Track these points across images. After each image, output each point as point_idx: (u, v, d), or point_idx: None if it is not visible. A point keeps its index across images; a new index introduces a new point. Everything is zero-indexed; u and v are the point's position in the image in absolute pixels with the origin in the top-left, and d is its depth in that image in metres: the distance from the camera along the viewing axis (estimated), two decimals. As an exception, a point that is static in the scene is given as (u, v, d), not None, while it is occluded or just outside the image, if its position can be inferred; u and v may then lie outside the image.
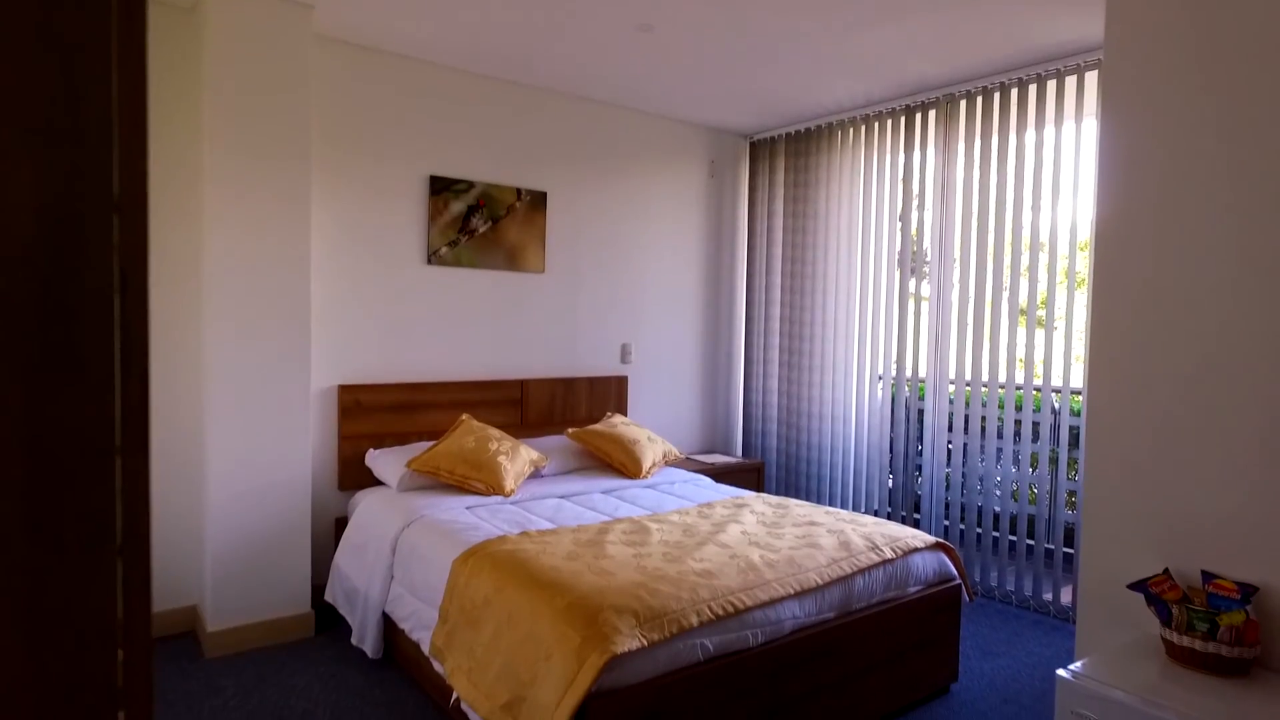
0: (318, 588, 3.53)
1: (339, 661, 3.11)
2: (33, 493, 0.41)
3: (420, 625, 2.76)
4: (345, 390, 3.66)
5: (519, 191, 4.18)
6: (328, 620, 3.46)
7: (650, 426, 4.81)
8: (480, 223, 4.06)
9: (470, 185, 4.01)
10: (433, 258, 3.92)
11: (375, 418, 3.74)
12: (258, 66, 3.13)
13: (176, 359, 3.31)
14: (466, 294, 4.07)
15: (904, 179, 4.42)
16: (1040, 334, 3.80)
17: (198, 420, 3.33)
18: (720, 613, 2.25)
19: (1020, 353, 3.88)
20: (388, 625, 3.08)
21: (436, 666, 2.55)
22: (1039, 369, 3.81)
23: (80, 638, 0.44)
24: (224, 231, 3.10)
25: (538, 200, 4.26)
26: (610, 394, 4.60)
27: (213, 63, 3.06)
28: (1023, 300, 3.87)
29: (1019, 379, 3.89)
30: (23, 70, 0.40)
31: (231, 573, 3.18)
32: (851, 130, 4.62)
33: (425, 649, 2.65)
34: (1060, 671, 1.94)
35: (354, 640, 3.16)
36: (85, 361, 0.42)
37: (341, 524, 3.59)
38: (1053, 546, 3.80)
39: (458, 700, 2.36)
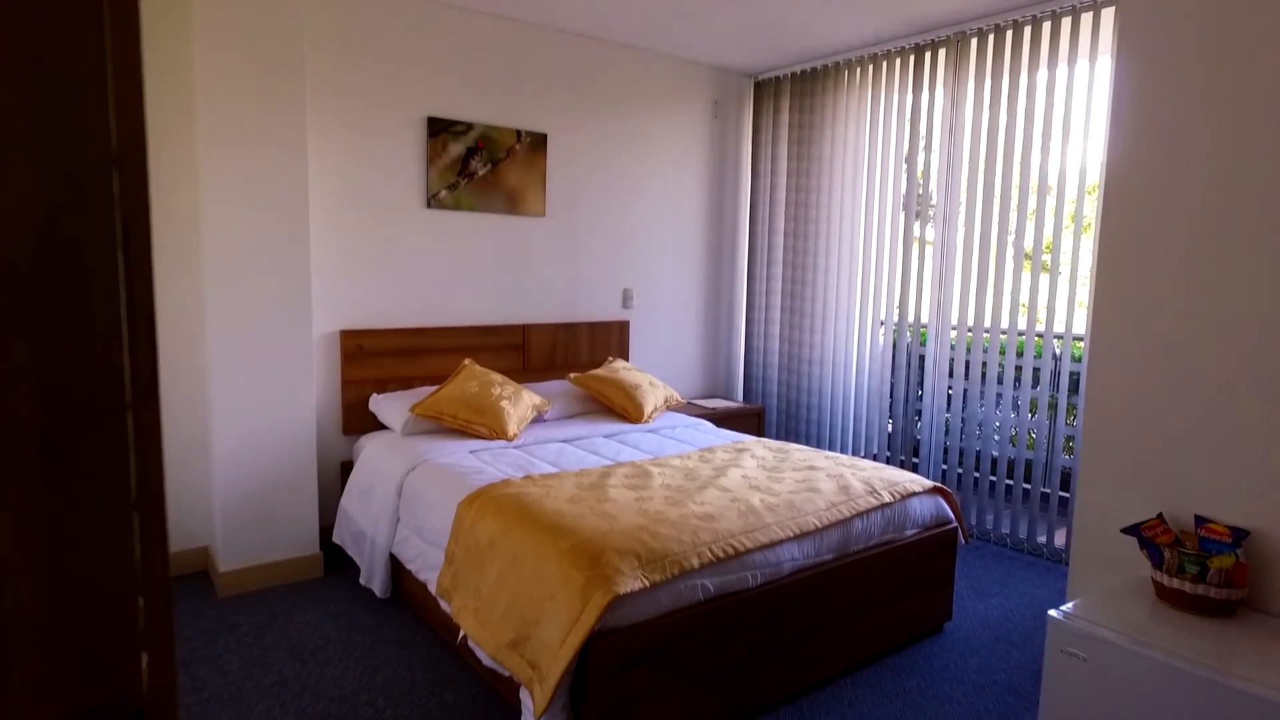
0: (325, 530, 3.60)
1: (348, 600, 3.19)
2: (47, 448, 0.42)
3: (427, 566, 2.82)
4: (347, 335, 3.66)
5: (519, 133, 4.11)
6: (336, 561, 3.53)
7: (652, 371, 4.82)
8: (480, 165, 4.00)
9: (469, 127, 3.94)
10: (432, 201, 3.88)
11: (378, 363, 3.76)
12: (249, 8, 3.04)
13: (178, 305, 3.30)
14: (467, 238, 4.03)
15: (911, 120, 4.33)
16: (1044, 279, 3.78)
17: (201, 365, 3.34)
18: (721, 555, 2.30)
19: (1023, 298, 3.86)
20: (395, 566, 3.15)
21: (444, 606, 2.61)
22: (1041, 314, 3.80)
23: (100, 587, 0.45)
24: (220, 178, 3.06)
25: (538, 142, 4.18)
26: (612, 339, 4.61)
27: (203, 6, 2.97)
28: (1028, 245, 3.83)
29: (1021, 325, 3.88)
30: (14, 21, 0.38)
31: (241, 515, 3.23)
32: (859, 70, 4.51)
33: (432, 589, 2.71)
34: (1052, 612, 1.99)
35: (362, 580, 3.24)
36: (92, 318, 0.42)
37: (347, 467, 3.64)
38: (1049, 491, 3.86)
39: (465, 638, 2.43)
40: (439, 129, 3.85)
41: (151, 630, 0.47)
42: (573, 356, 4.43)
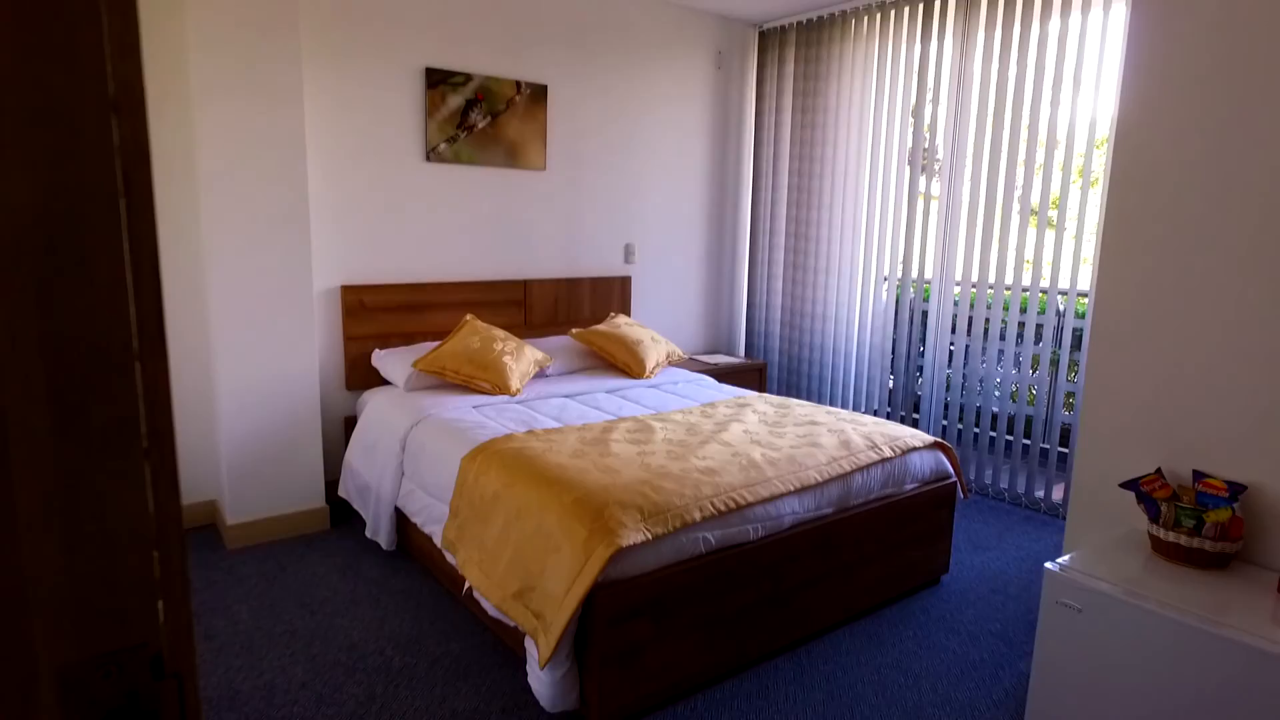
0: (331, 484, 3.64)
1: (355, 553, 3.25)
2: (57, 399, 0.42)
3: (432, 519, 2.86)
4: (348, 291, 3.65)
5: (518, 84, 4.03)
6: (342, 514, 3.58)
7: (654, 327, 4.82)
8: (479, 118, 3.94)
9: (468, 78, 3.86)
10: (431, 154, 3.82)
11: (380, 318, 3.75)
12: (240, -53, 2.96)
13: (176, 261, 3.29)
14: (467, 192, 3.99)
15: (919, 72, 4.25)
16: (1050, 235, 3.74)
17: (203, 322, 3.34)
18: (722, 508, 2.32)
19: (1028, 254, 3.84)
20: (400, 519, 3.20)
21: (449, 558, 2.65)
22: (1046, 270, 3.78)
23: (114, 535, 0.45)
24: (215, 132, 3.01)
25: (538, 94, 4.11)
26: (614, 294, 4.59)
27: (192, -57, 2.89)
28: (1034, 200, 3.79)
29: (1025, 281, 3.86)
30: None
31: (247, 469, 3.27)
32: (866, 19, 4.40)
33: (438, 542, 2.75)
34: (1048, 564, 2.02)
35: (368, 533, 3.29)
36: (95, 267, 0.42)
37: (351, 423, 3.67)
38: (1048, 446, 3.88)
39: (470, 589, 2.47)
40: (437, 80, 3.78)
41: (166, 577, 0.48)
42: (575, 312, 4.42)
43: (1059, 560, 2.03)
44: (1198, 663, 1.74)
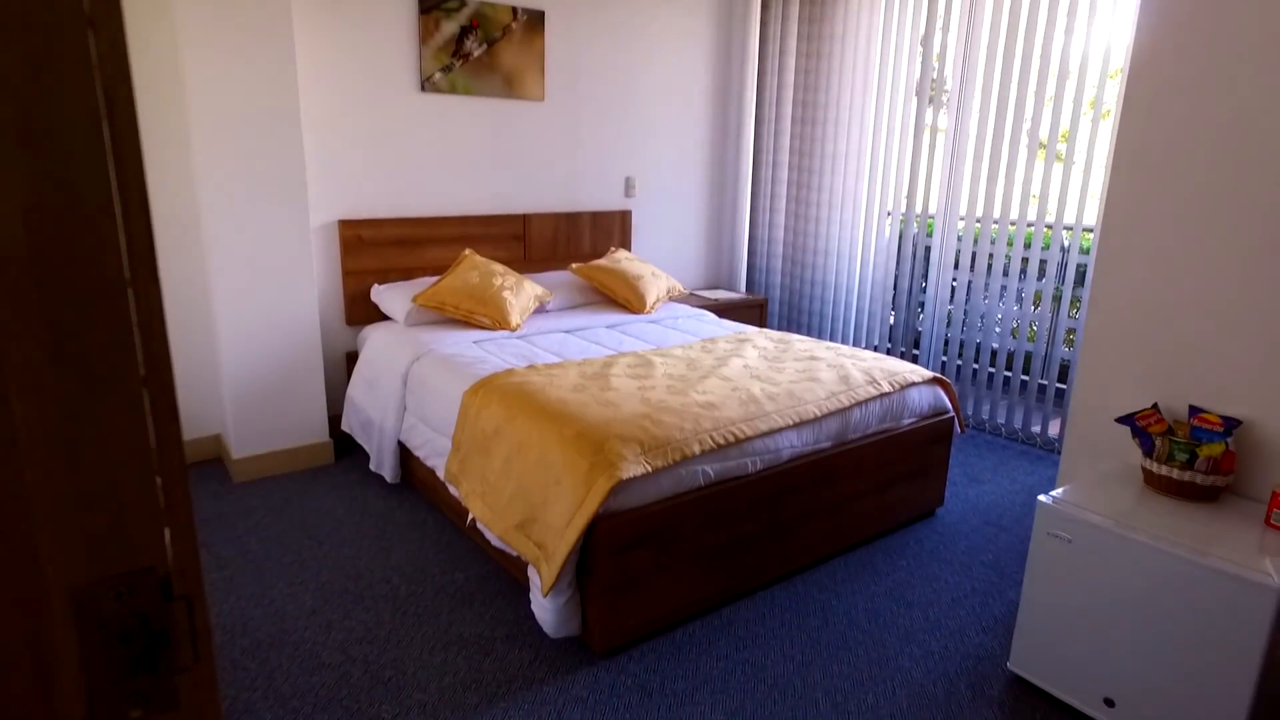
0: (334, 418, 3.67)
1: (360, 485, 3.30)
2: (52, 326, 0.42)
3: (435, 453, 2.90)
4: (346, 225, 3.61)
5: (515, 10, 3.90)
6: (346, 448, 3.63)
7: (654, 262, 4.78)
8: (474, 45, 3.82)
9: (462, 3, 3.73)
10: (426, 84, 3.72)
11: (378, 253, 3.72)
12: None
13: (170, 196, 3.24)
14: (463, 123, 3.90)
15: (930, -4, 4.10)
16: (1058, 168, 3.68)
17: (199, 258, 3.31)
18: (721, 442, 2.35)
19: (1034, 189, 3.78)
20: (403, 453, 3.24)
21: (452, 490, 2.70)
22: (1052, 206, 3.73)
23: (116, 461, 0.46)
24: (203, 63, 2.92)
25: (535, 20, 3.98)
26: (614, 229, 4.54)
27: None
28: (1043, 133, 3.71)
29: (1031, 216, 3.81)
30: None
31: (250, 404, 3.29)
32: (876, -61, 4.22)
33: (441, 475, 2.80)
34: (1041, 497, 2.05)
35: (372, 467, 3.34)
36: (80, 190, 0.41)
37: (352, 358, 3.68)
38: (1046, 382, 3.90)
39: (473, 520, 2.52)
40: (430, 5, 3.65)
41: (170, 503, 0.48)
42: (574, 247, 4.38)
43: (1052, 493, 2.06)
44: (1183, 593, 1.78)
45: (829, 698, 2.09)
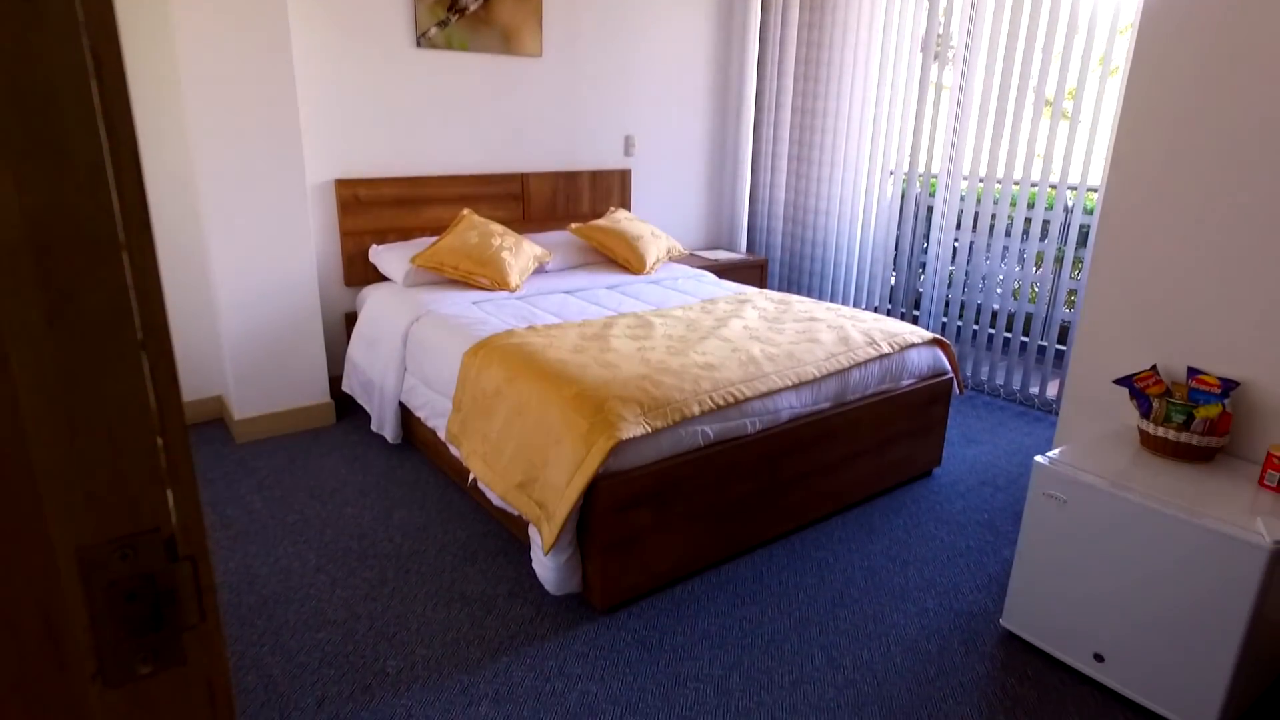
0: (335, 379, 3.68)
1: (361, 446, 3.32)
2: (47, 289, 0.41)
3: (435, 413, 2.91)
4: (343, 185, 3.57)
5: (512, -39, 3.80)
6: (347, 409, 3.64)
7: (654, 222, 4.75)
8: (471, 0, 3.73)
9: (458, -46, 3.64)
10: (422, 40, 3.65)
11: (376, 213, 3.69)
12: None
13: (163, 157, 3.20)
14: (460, 80, 3.83)
15: (937, -53, 4.00)
16: (1064, 127, 3.63)
17: (195, 219, 3.28)
18: (720, 403, 2.36)
19: (1040, 148, 3.73)
20: (404, 413, 3.25)
21: (453, 450, 2.72)
22: (1057, 165, 3.68)
23: (117, 424, 0.46)
24: (194, 21, 2.86)
25: (533, -28, 3.88)
26: (613, 188, 4.50)
27: None
28: (1050, 90, 3.65)
29: (1035, 175, 3.77)
30: None
31: (250, 365, 3.29)
32: (884, -114, 4.10)
33: (442, 435, 2.81)
34: (1038, 457, 2.06)
35: (374, 427, 3.36)
36: (71, 151, 0.41)
37: (351, 319, 3.67)
38: (1046, 344, 3.90)
39: (475, 480, 2.55)
40: (426, -44, 3.56)
41: (172, 465, 0.49)
42: (574, 206, 4.34)
43: (1049, 454, 2.08)
44: (1175, 552, 1.80)
45: (825, 653, 2.13)
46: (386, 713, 1.88)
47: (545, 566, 2.23)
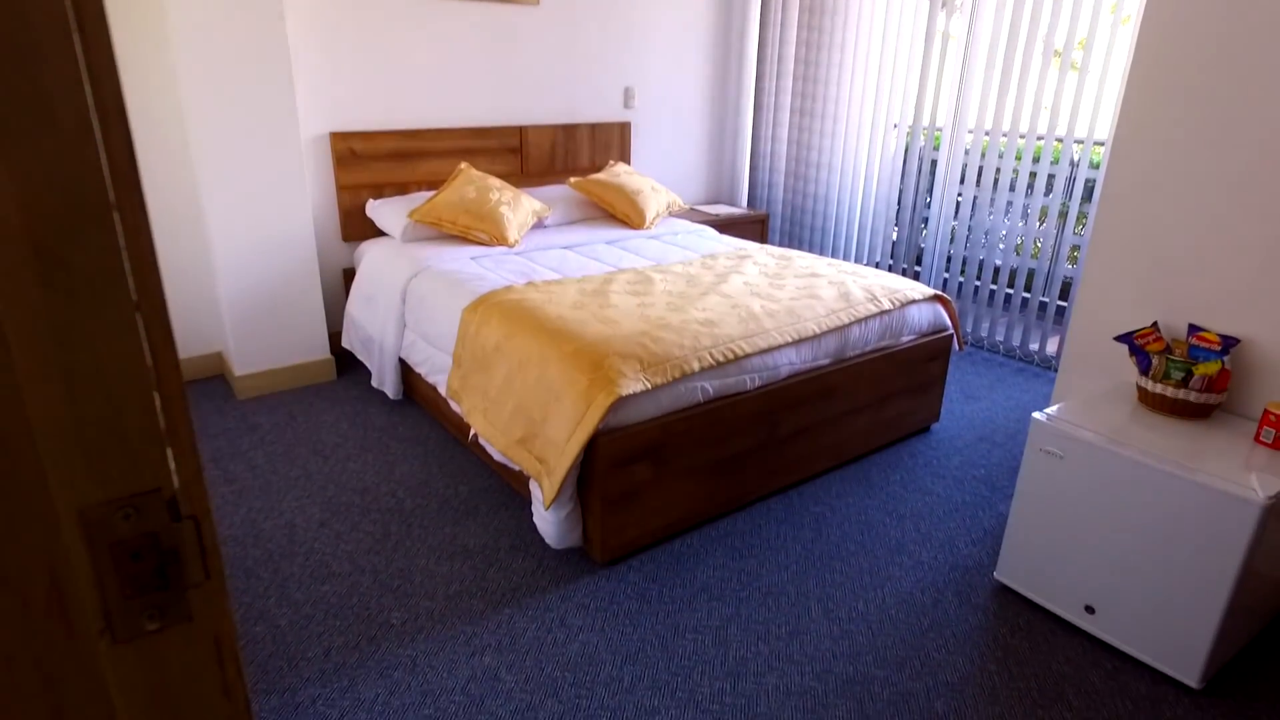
0: (334, 335, 3.67)
1: (362, 401, 3.34)
2: (39, 253, 0.41)
3: (435, 369, 2.92)
4: (338, 138, 3.51)
5: (508, -97, 3.68)
6: (347, 365, 3.65)
7: (654, 176, 4.69)
8: (466, -57, 3.62)
9: (452, -105, 3.52)
10: (416, -14, 3.55)
11: (372, 167, 3.64)
12: None
13: (153, 113, 3.14)
14: (455, 29, 3.74)
15: (947, -112, 3.86)
16: (1072, 78, 3.56)
17: (190, 174, 3.24)
18: (720, 359, 2.36)
19: (1047, 100, 3.66)
20: (404, 369, 3.26)
21: (454, 406, 2.73)
22: (1064, 118, 3.62)
23: (115, 385, 0.46)
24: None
25: (529, -85, 3.76)
26: (613, 141, 4.43)
27: None
28: (1060, 40, 3.56)
29: (1041, 128, 3.71)
30: None
31: (249, 322, 3.29)
32: None
33: (442, 391, 2.82)
34: (1036, 414, 2.07)
35: (374, 383, 3.36)
36: (55, 109, 0.40)
37: (350, 274, 3.65)
38: (1047, 300, 3.89)
39: (475, 436, 2.56)
40: (418, -102, 3.44)
41: (171, 426, 0.49)
42: (573, 160, 4.28)
43: (1047, 410, 2.08)
44: (1169, 507, 1.82)
45: (821, 605, 2.17)
46: (392, 662, 1.93)
47: (546, 521, 2.26)
